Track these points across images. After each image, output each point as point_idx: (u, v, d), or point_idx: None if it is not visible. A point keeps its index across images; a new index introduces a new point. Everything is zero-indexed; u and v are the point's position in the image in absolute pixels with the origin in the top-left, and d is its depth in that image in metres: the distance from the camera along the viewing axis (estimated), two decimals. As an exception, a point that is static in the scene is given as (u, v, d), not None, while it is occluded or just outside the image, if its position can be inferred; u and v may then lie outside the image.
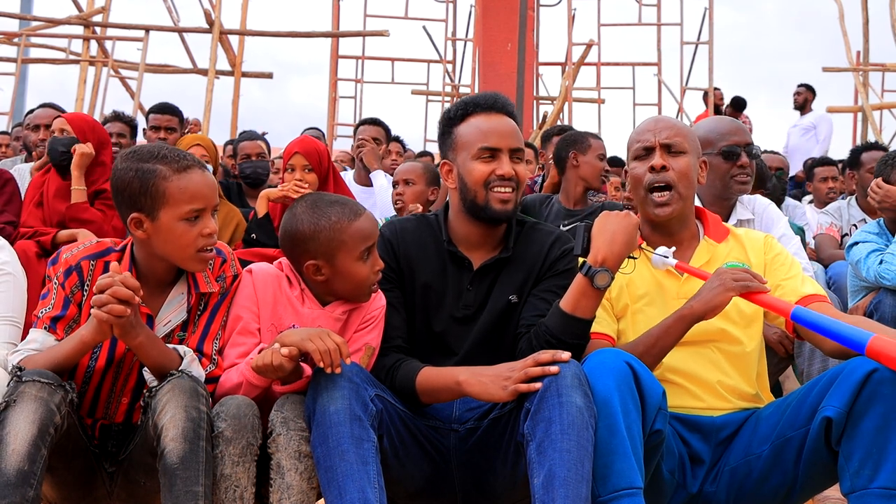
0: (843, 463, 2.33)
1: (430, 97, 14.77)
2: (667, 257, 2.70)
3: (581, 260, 2.61)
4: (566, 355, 2.39)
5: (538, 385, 2.35)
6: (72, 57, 13.27)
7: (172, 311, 2.63)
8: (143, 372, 2.51)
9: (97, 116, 11.55)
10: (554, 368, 2.35)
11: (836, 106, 13.74)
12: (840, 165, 7.00)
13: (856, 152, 5.92)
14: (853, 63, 13.54)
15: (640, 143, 2.86)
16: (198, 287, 2.65)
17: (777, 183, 5.87)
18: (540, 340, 2.59)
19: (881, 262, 3.94)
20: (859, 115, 13.78)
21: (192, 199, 2.53)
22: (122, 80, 13.30)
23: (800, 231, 4.29)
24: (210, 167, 4.85)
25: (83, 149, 4.38)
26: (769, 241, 2.89)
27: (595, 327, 2.68)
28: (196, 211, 2.54)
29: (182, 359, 2.50)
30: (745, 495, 2.60)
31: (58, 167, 4.44)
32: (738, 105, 11.66)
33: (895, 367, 2.16)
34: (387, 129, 6.51)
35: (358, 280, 2.70)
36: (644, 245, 2.85)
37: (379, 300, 2.78)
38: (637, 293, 2.81)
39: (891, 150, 6.02)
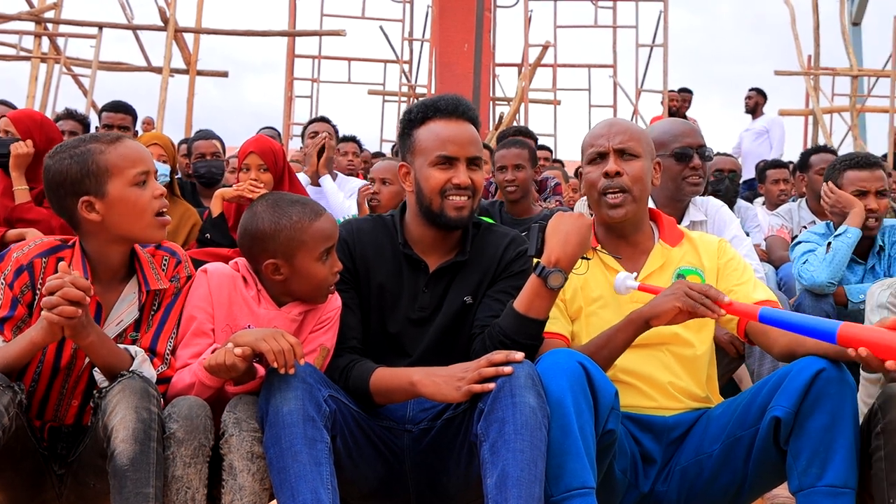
0: (792, 462, 2.37)
1: (387, 97, 14.79)
2: (628, 280, 2.68)
3: (535, 261, 2.62)
4: (520, 356, 2.40)
5: (492, 385, 2.35)
6: (23, 53, 13.07)
7: (124, 310, 2.60)
8: (94, 373, 2.47)
9: (49, 114, 11.40)
10: (507, 369, 2.36)
11: (788, 109, 13.92)
12: (791, 167, 7.08)
13: (805, 155, 6.01)
14: (804, 67, 13.72)
15: (594, 148, 2.86)
16: (148, 285, 2.62)
17: (730, 185, 5.92)
18: (494, 341, 2.60)
19: (805, 262, 4.00)
20: (810, 118, 13.96)
21: (135, 163, 2.53)
22: (75, 77, 13.14)
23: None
24: (168, 166, 4.82)
25: (18, 149, 4.25)
26: (723, 246, 2.92)
27: (549, 326, 2.69)
28: (142, 174, 2.54)
29: (133, 359, 2.48)
30: (695, 494, 2.63)
31: (3, 167, 4.36)
32: (686, 90, 12.04)
33: (871, 349, 2.17)
34: (336, 130, 6.48)
35: (317, 281, 2.69)
36: (599, 248, 2.87)
37: (334, 301, 2.77)
38: (591, 296, 2.82)
39: (840, 153, 6.10)
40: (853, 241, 3.95)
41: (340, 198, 5.62)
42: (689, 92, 12.25)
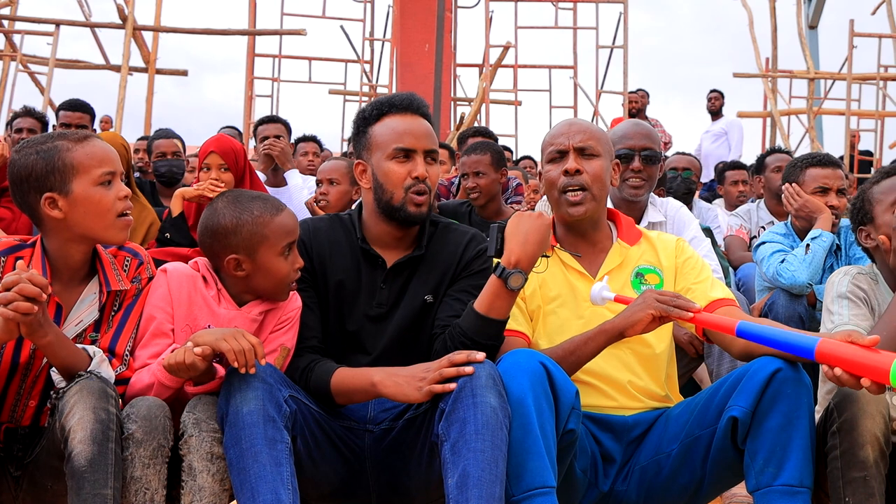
0: (749, 461, 2.39)
1: (348, 97, 14.74)
2: (604, 291, 2.69)
3: (495, 261, 2.63)
4: (481, 356, 2.41)
5: (453, 386, 2.36)
6: (-22, 51, 12.94)
7: (84, 310, 2.58)
8: (52, 373, 2.44)
9: (5, 112, 11.30)
10: (469, 369, 2.36)
11: (747, 111, 14.08)
12: (749, 170, 7.13)
13: (760, 158, 6.06)
14: (762, 69, 13.88)
15: (555, 147, 2.88)
16: (109, 285, 2.60)
17: (681, 183, 5.96)
18: (454, 341, 2.60)
19: (782, 262, 4.02)
20: (768, 120, 14.11)
21: (101, 163, 2.53)
22: (32, 75, 13.01)
23: (707, 232, 4.35)
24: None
25: None
26: (680, 245, 2.94)
27: (510, 325, 2.71)
28: (108, 174, 2.53)
29: (91, 359, 2.46)
30: (654, 493, 2.65)
31: None
32: (642, 90, 12.27)
33: (846, 368, 2.17)
34: (287, 126, 6.45)
35: (279, 277, 2.69)
36: (557, 246, 2.88)
37: (295, 301, 2.77)
38: (549, 295, 2.83)
39: (795, 154, 6.15)
40: (828, 245, 4.00)
41: (305, 194, 5.61)
42: (644, 91, 12.41)
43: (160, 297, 2.67)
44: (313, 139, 7.61)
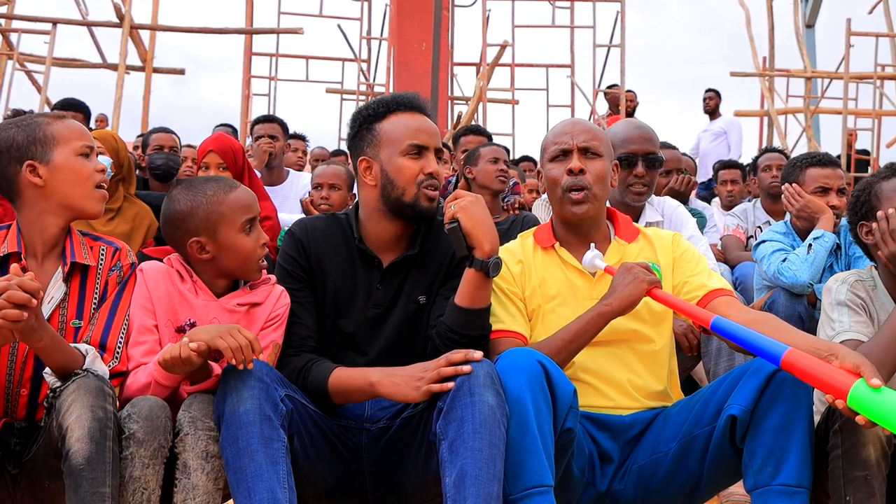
0: (747, 460, 2.39)
1: (345, 96, 14.73)
2: (597, 259, 2.77)
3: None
4: (478, 354, 2.41)
5: (451, 385, 2.35)
6: (-25, 50, 12.91)
7: (53, 285, 2.59)
8: (45, 375, 2.44)
9: (1, 111, 11.27)
10: (466, 368, 2.36)
11: (744, 110, 14.09)
12: (746, 169, 7.12)
13: (755, 158, 6.07)
14: (759, 68, 13.88)
15: (558, 146, 2.89)
16: (74, 256, 2.62)
17: None
18: (443, 339, 2.62)
19: (784, 261, 4.01)
20: (765, 119, 14.12)
21: (81, 136, 2.65)
22: (29, 73, 12.98)
23: (701, 216, 4.31)
24: (109, 158, 4.75)
25: None
26: (677, 239, 2.95)
27: (509, 325, 2.73)
28: (87, 147, 2.63)
29: (85, 357, 2.45)
30: (652, 492, 2.64)
31: None
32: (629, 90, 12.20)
33: (808, 381, 2.22)
34: (283, 126, 6.46)
35: (244, 254, 2.72)
36: (557, 244, 2.89)
37: (283, 298, 2.78)
38: (549, 294, 2.83)
39: (794, 154, 6.14)
40: (830, 245, 3.99)
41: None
42: (633, 92, 12.44)
43: (140, 295, 2.69)
44: (301, 137, 7.93)
